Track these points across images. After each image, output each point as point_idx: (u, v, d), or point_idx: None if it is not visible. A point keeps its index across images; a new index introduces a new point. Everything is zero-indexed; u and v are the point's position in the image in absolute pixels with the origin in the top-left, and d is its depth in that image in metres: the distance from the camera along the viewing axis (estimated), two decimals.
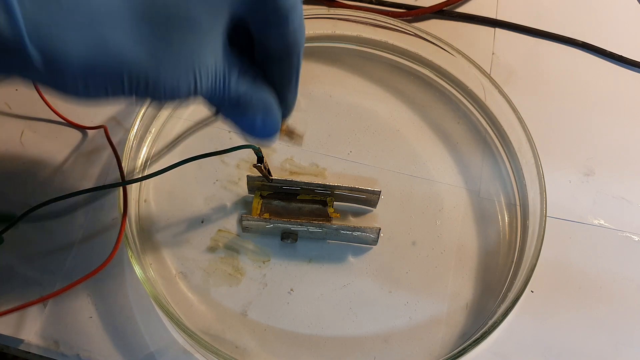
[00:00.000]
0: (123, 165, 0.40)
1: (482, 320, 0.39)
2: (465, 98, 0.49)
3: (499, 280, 0.41)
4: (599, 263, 0.42)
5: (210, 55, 0.25)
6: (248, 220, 0.40)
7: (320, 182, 0.42)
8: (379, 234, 0.40)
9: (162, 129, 0.46)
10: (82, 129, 0.45)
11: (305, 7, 0.41)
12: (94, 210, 0.41)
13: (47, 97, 0.45)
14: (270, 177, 0.40)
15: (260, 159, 0.36)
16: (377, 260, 0.41)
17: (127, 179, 0.40)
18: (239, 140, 0.45)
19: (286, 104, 0.30)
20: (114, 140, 0.43)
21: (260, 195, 0.42)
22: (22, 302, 0.38)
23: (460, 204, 0.44)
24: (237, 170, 0.44)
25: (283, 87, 0.30)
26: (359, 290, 0.40)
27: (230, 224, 0.42)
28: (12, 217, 0.38)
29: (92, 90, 0.23)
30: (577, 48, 0.54)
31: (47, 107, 0.44)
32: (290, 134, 0.35)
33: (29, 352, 0.37)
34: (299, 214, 0.42)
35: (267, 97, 0.29)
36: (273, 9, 0.26)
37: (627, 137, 0.49)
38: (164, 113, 0.46)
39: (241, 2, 0.25)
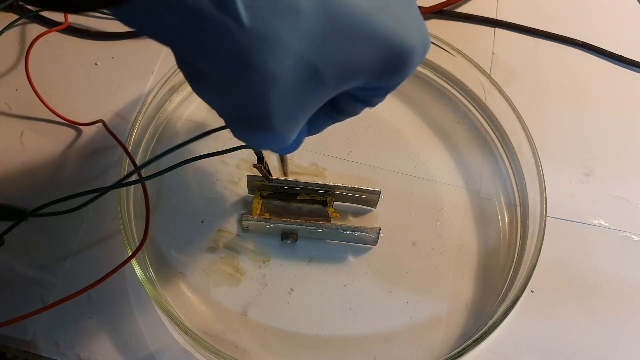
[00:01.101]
0: (123, 165, 0.40)
1: (482, 320, 0.39)
2: (465, 98, 0.49)
3: (499, 280, 0.41)
4: (599, 263, 0.42)
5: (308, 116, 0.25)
6: (248, 220, 0.40)
7: (320, 182, 0.42)
8: (379, 234, 0.40)
9: (162, 129, 0.46)
10: (80, 126, 0.45)
11: None
12: (94, 209, 0.41)
13: (45, 97, 0.45)
14: (270, 177, 0.40)
15: (261, 159, 0.36)
16: (377, 260, 0.41)
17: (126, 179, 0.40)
18: (239, 140, 0.45)
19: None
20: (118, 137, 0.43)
21: (261, 195, 0.42)
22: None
23: (460, 204, 0.44)
24: (237, 170, 0.44)
25: (316, 130, 0.31)
26: (359, 290, 0.40)
27: (230, 224, 0.42)
28: (24, 212, 0.38)
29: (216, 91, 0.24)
30: (577, 48, 0.54)
31: (46, 108, 0.45)
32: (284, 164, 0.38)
33: (29, 352, 0.37)
34: (299, 214, 0.42)
35: (301, 135, 0.29)
36: (372, 100, 0.27)
37: (626, 137, 0.49)
38: (164, 113, 0.46)
39: (355, 86, 0.25)
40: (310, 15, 0.21)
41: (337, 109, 0.29)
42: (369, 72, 0.24)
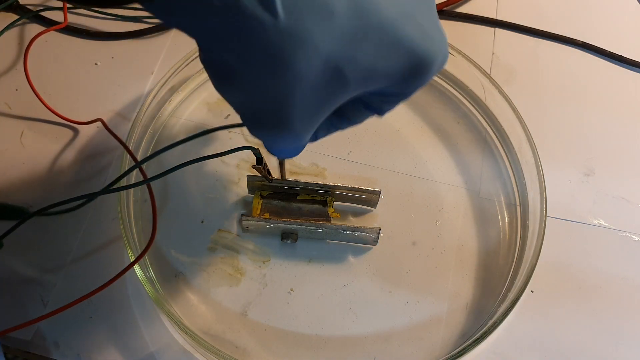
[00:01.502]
0: (123, 165, 0.40)
1: (482, 320, 0.39)
2: (465, 98, 0.49)
3: (499, 280, 0.41)
4: (599, 263, 0.42)
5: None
6: (248, 220, 0.40)
7: (320, 182, 0.42)
8: (379, 234, 0.40)
9: (162, 129, 0.46)
10: (79, 125, 0.45)
11: None
12: (94, 209, 0.41)
13: (45, 97, 0.45)
14: (270, 178, 0.40)
15: (260, 160, 0.36)
16: (377, 260, 0.41)
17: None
18: (240, 141, 0.45)
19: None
20: (117, 136, 0.43)
21: (260, 195, 0.42)
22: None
23: (460, 204, 0.44)
24: (237, 170, 0.44)
25: (318, 136, 0.31)
26: (359, 290, 0.40)
27: (230, 224, 0.42)
28: (25, 212, 0.38)
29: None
30: (577, 48, 0.54)
31: (46, 108, 0.45)
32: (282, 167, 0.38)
33: (29, 352, 0.37)
34: (299, 214, 0.42)
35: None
36: (383, 108, 0.28)
37: (626, 137, 0.49)
38: (164, 113, 0.46)
39: (372, 91, 0.26)
40: (343, 17, 0.21)
41: (344, 116, 0.29)
42: (390, 77, 0.24)
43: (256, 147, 0.35)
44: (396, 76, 0.24)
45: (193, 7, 0.20)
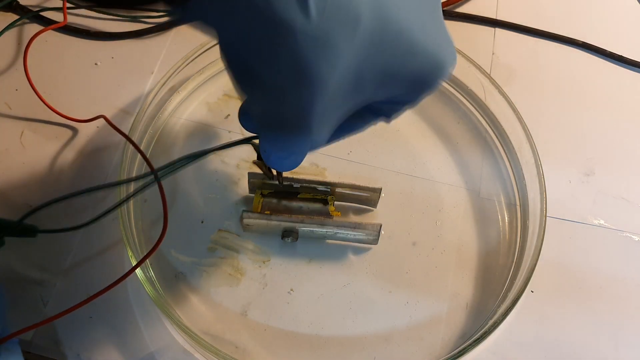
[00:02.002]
0: (122, 167, 0.40)
1: (482, 320, 0.39)
2: (465, 98, 0.49)
3: (499, 280, 0.41)
4: (599, 263, 0.42)
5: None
6: (249, 217, 0.40)
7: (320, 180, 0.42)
8: (379, 231, 0.40)
9: (163, 129, 0.46)
10: (81, 122, 0.45)
11: None
12: (94, 209, 0.41)
13: (45, 97, 0.45)
14: (271, 175, 0.40)
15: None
16: (377, 260, 0.41)
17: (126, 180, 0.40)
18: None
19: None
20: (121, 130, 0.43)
21: (261, 193, 0.42)
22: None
23: (460, 204, 0.44)
24: (237, 170, 0.44)
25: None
26: (359, 290, 0.40)
27: (231, 224, 0.42)
28: (33, 229, 0.38)
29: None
30: (577, 48, 0.54)
31: (47, 108, 0.45)
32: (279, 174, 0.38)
33: (29, 352, 0.37)
34: (300, 213, 0.42)
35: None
36: (392, 114, 0.29)
37: (627, 137, 0.49)
38: (165, 113, 0.46)
39: (381, 102, 0.27)
40: (367, 23, 0.22)
41: (349, 125, 0.30)
42: (403, 83, 0.25)
43: (257, 142, 0.35)
44: (408, 82, 0.25)
45: (225, 10, 0.21)
